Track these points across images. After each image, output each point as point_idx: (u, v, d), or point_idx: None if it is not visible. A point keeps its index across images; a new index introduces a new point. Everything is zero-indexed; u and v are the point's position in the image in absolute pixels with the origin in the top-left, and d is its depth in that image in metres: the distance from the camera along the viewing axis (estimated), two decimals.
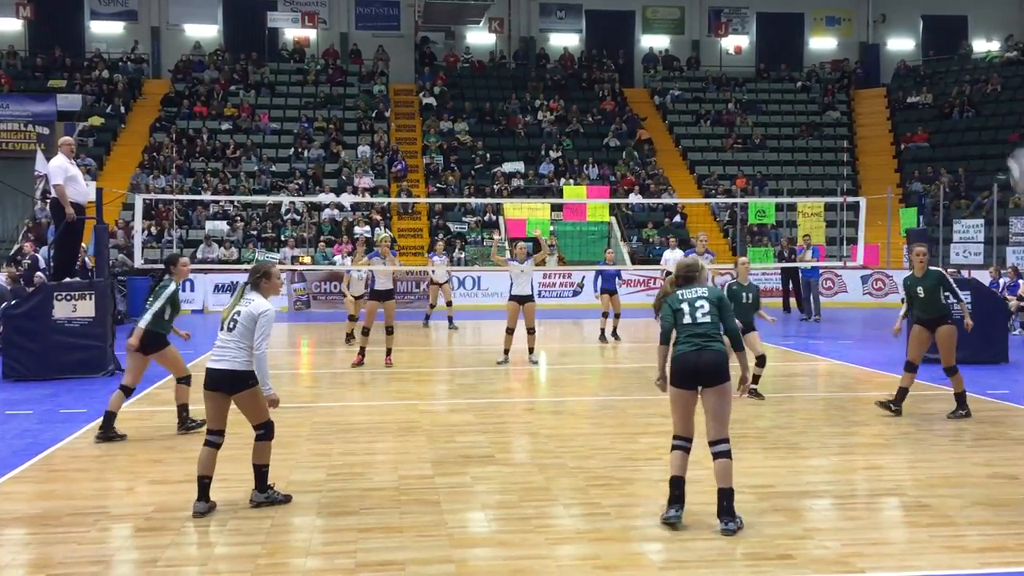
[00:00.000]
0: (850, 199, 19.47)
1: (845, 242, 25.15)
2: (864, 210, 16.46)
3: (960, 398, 9.81)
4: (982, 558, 5.54)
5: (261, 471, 6.63)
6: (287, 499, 6.66)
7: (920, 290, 9.77)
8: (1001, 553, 5.63)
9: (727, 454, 6.07)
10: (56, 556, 5.64)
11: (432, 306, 19.81)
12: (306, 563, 5.47)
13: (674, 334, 6.28)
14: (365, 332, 13.61)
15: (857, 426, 9.41)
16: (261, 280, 6.61)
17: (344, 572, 5.32)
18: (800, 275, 21.69)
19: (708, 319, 6.16)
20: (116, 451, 8.43)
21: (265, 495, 6.60)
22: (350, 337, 16.05)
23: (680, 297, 6.31)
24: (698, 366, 6.06)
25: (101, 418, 8.85)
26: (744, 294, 10.84)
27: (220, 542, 5.89)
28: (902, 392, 9.84)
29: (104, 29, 35.02)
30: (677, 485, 6.13)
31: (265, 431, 6.66)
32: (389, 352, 13.64)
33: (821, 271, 22.47)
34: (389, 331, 13.54)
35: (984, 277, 19.62)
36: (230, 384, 6.48)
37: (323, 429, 9.15)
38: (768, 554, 5.60)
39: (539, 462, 7.87)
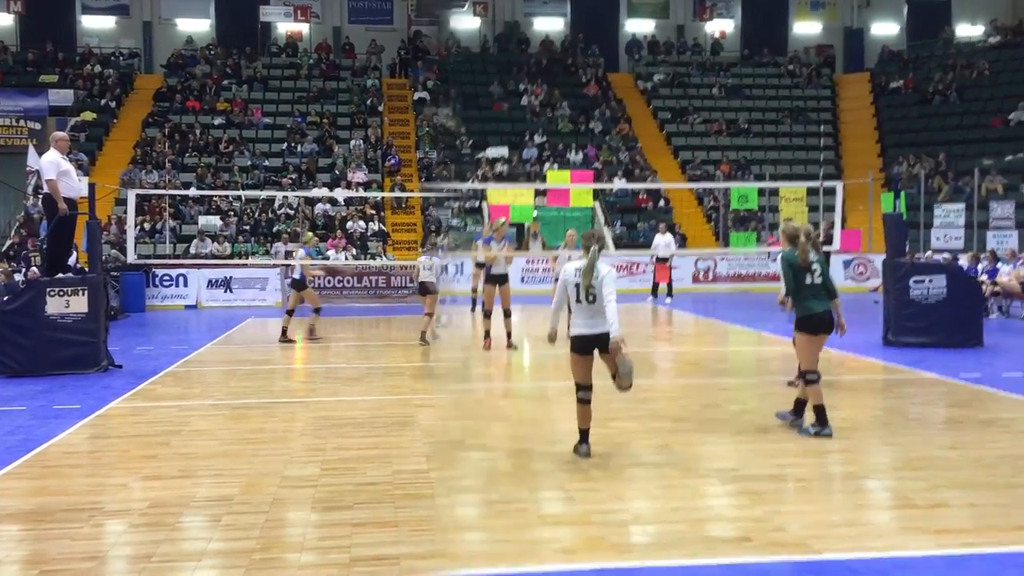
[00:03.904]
0: (827, 183, 19.49)
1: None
2: (841, 195, 16.51)
3: None
4: (939, 539, 5.59)
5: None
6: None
7: None
8: (958, 535, 5.69)
9: None
10: (50, 552, 5.58)
11: (475, 288, 19.42)
12: (300, 558, 5.42)
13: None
14: (487, 315, 14.17)
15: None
16: (602, 249, 7.52)
17: (339, 567, 5.27)
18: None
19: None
20: (110, 447, 8.37)
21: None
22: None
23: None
24: None
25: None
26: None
27: (215, 537, 5.83)
28: None
29: (96, 24, 34.73)
30: None
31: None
32: (509, 335, 14.09)
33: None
34: (507, 314, 14.13)
35: (963, 262, 19.69)
36: (605, 344, 7.30)
37: (317, 424, 9.02)
38: (726, 537, 5.64)
39: (508, 447, 7.89)
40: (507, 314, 14.11)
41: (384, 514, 6.20)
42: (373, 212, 27.12)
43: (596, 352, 7.43)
